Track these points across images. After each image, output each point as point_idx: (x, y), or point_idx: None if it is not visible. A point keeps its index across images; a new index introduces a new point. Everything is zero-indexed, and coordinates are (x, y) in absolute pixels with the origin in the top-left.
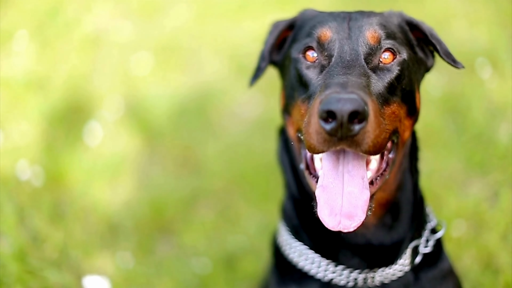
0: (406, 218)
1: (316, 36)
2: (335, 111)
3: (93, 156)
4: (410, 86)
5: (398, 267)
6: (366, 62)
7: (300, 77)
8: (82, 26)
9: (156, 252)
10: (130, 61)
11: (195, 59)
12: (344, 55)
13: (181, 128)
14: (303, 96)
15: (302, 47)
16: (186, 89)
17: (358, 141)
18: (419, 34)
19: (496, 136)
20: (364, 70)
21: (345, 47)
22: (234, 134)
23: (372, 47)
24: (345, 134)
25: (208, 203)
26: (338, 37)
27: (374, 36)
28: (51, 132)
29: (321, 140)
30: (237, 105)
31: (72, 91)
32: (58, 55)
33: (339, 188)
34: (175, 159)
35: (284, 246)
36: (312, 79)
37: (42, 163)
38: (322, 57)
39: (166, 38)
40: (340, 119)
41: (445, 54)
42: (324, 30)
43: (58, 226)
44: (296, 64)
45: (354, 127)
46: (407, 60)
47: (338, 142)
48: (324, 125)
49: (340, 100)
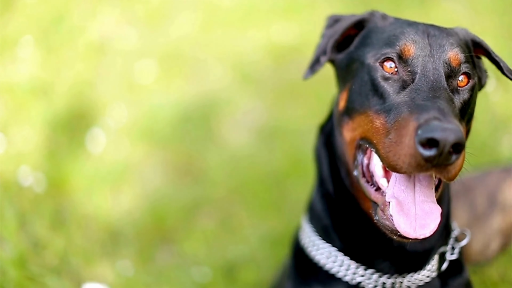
0: (441, 227)
1: (398, 49)
2: (439, 140)
3: (95, 164)
4: (473, 109)
5: (426, 273)
6: (448, 84)
7: (375, 86)
8: (87, 33)
9: (156, 260)
10: (134, 69)
11: (199, 67)
12: (428, 74)
13: (184, 136)
14: (378, 108)
15: (381, 57)
16: (189, 97)
17: (449, 169)
18: (479, 52)
19: (499, 148)
20: (449, 94)
21: (428, 65)
22: (237, 143)
23: (453, 69)
24: (442, 162)
25: (209, 212)
26: (421, 53)
27: (456, 58)
28: (54, 139)
29: (414, 164)
30: (240, 114)
31: (76, 98)
32: (63, 61)
33: (411, 196)
34: (177, 168)
35: (310, 247)
36: (392, 93)
37: (44, 170)
38: (403, 72)
39: (171, 46)
40: (442, 148)
41: (508, 71)
42: (408, 44)
43: (59, 232)
44: (372, 72)
45: (452, 157)
46: (476, 84)
47: (430, 168)
48: (423, 151)
49: (445, 130)
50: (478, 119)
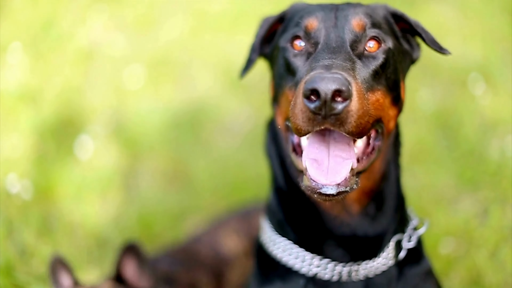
0: (390, 209)
1: (303, 26)
2: (318, 89)
3: (83, 170)
4: (395, 75)
5: (381, 261)
6: (352, 49)
7: (287, 65)
8: (75, 39)
9: None
10: (122, 75)
11: (188, 73)
12: (330, 42)
13: (172, 142)
14: (290, 84)
15: (290, 36)
16: (177, 103)
17: (342, 120)
18: (403, 25)
19: (488, 152)
20: (350, 55)
21: (331, 34)
22: (224, 148)
23: (357, 34)
24: (329, 112)
25: (196, 218)
26: (324, 25)
27: (359, 24)
28: (42, 146)
29: (306, 119)
30: (228, 119)
31: (64, 105)
32: (51, 68)
33: (325, 152)
34: (165, 174)
35: (267, 242)
36: (299, 66)
37: (32, 176)
38: (309, 45)
39: (159, 51)
40: (323, 97)
41: (431, 42)
42: (311, 19)
43: (46, 240)
44: (284, 53)
45: (337, 106)
46: (392, 49)
47: (322, 121)
48: (308, 103)
49: (324, 79)
50: (465, 123)
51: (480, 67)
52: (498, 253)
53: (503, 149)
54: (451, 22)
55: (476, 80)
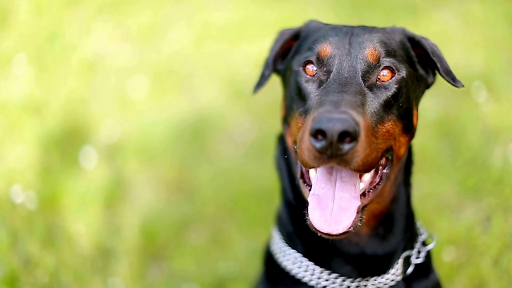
0: (399, 230)
1: (316, 51)
2: (325, 130)
3: (87, 181)
4: (408, 104)
5: (390, 277)
6: (364, 79)
7: (299, 90)
8: (80, 50)
9: (146, 278)
10: (126, 86)
11: (191, 83)
12: (342, 72)
13: (175, 152)
14: (301, 110)
15: (303, 61)
16: (181, 113)
17: (348, 160)
18: (420, 51)
19: (490, 160)
20: (361, 88)
21: (344, 63)
22: (228, 158)
23: (370, 64)
24: (334, 153)
25: (199, 228)
26: (338, 53)
27: (373, 54)
28: (47, 156)
29: (312, 157)
30: (231, 129)
31: (68, 115)
32: (56, 79)
33: (331, 193)
34: (168, 184)
35: (277, 253)
36: (310, 93)
37: (37, 187)
38: (321, 72)
39: (163, 62)
40: (330, 138)
41: (445, 72)
42: (325, 45)
43: (50, 250)
44: (296, 76)
45: (343, 147)
46: (405, 78)
47: (328, 159)
48: (315, 143)
49: (331, 120)
50: (468, 131)
51: (482, 75)
52: (501, 261)
53: (506, 157)
54: (454, 31)
55: (479, 88)
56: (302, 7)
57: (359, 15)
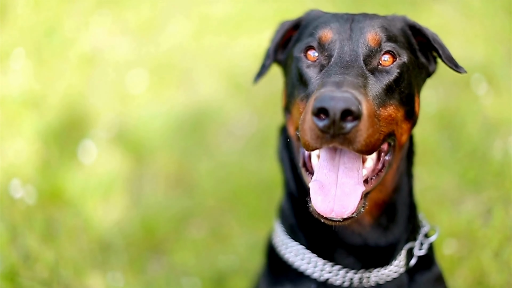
0: (402, 220)
1: (317, 36)
2: (327, 108)
3: (86, 175)
4: (409, 90)
5: (393, 268)
6: (365, 63)
7: (300, 75)
8: (78, 44)
9: (146, 271)
10: (125, 79)
11: (190, 76)
12: (343, 56)
13: (175, 146)
14: (302, 95)
15: (304, 46)
16: (180, 107)
17: (351, 139)
18: (421, 39)
19: (491, 153)
20: (362, 71)
21: (345, 47)
22: (227, 152)
23: (372, 49)
24: (337, 131)
25: (199, 222)
26: (339, 37)
27: (374, 38)
28: (46, 151)
29: (314, 137)
30: (231, 123)
31: (67, 110)
32: (54, 73)
33: (334, 178)
34: (168, 178)
35: (280, 246)
36: (312, 78)
37: (36, 181)
38: (322, 57)
39: (162, 56)
40: (332, 116)
41: (447, 59)
42: (326, 30)
43: (50, 244)
44: (297, 63)
45: (346, 125)
46: (407, 63)
47: (330, 139)
48: (317, 121)
49: (333, 98)
50: (468, 123)
51: (482, 67)
52: (502, 253)
53: (506, 149)
54: (454, 23)
55: (479, 80)
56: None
57: (358, 8)
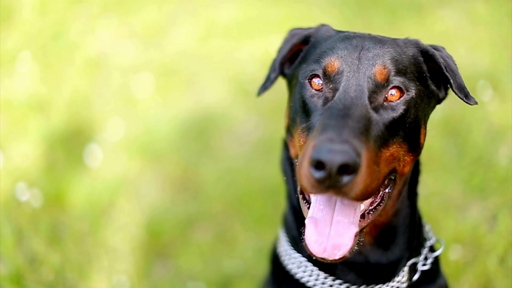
0: (403, 240)
1: (323, 65)
2: (324, 162)
3: (92, 179)
4: (415, 124)
5: (395, 284)
6: (370, 100)
7: (303, 104)
8: (84, 48)
9: (152, 276)
10: (131, 84)
11: (196, 81)
12: (348, 91)
13: (181, 150)
14: (304, 126)
15: (309, 73)
16: (186, 111)
17: (346, 191)
18: (433, 64)
19: (496, 159)
20: (366, 110)
21: (351, 81)
22: (233, 156)
23: (378, 84)
24: (333, 184)
25: (205, 226)
26: (346, 68)
27: (382, 72)
28: (52, 154)
29: (310, 185)
30: (237, 127)
31: (73, 113)
32: (61, 77)
33: (329, 216)
34: (174, 182)
35: (283, 256)
36: (315, 110)
37: (42, 185)
38: (327, 88)
39: (168, 60)
40: (329, 170)
41: (458, 89)
42: (332, 59)
43: (55, 248)
44: (302, 89)
45: (342, 179)
46: (415, 98)
47: (326, 189)
48: (314, 172)
49: (331, 151)
50: (474, 130)
51: (488, 74)
52: (507, 259)
53: (511, 156)
54: (459, 29)
55: (484, 87)
56: (307, 5)
57: (364, 13)
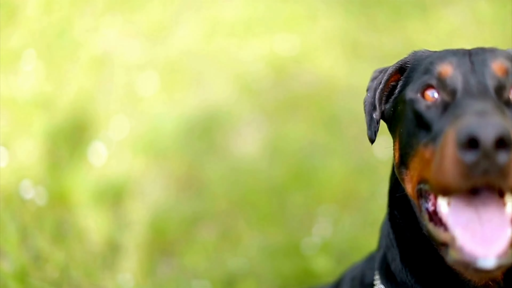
0: None
1: (436, 73)
2: (478, 137)
3: (96, 176)
4: None
5: None
6: (497, 96)
7: (419, 119)
8: (89, 46)
9: (157, 274)
10: (136, 82)
11: (202, 79)
12: (471, 89)
13: (186, 149)
14: (425, 140)
15: (420, 86)
16: (191, 109)
17: (504, 173)
18: None
19: None
20: (496, 102)
21: (470, 80)
22: (238, 155)
23: (500, 79)
24: (489, 164)
25: (209, 225)
26: (461, 71)
27: (501, 67)
28: (56, 152)
29: (459, 175)
30: (242, 126)
31: (77, 111)
32: (65, 75)
33: (476, 218)
34: (178, 180)
35: None
36: (435, 118)
37: (46, 183)
38: (444, 94)
39: (173, 58)
40: (483, 146)
41: None
42: (445, 65)
43: (60, 245)
44: (414, 105)
45: (499, 156)
46: None
47: (479, 175)
48: (464, 155)
49: (483, 125)
50: None
51: None
52: None
53: None
54: (463, 28)
55: None
56: (311, 4)
57: (369, 11)
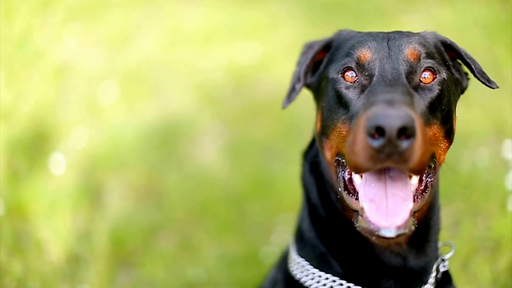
0: (434, 238)
1: (355, 57)
2: (383, 127)
3: (55, 187)
4: (449, 107)
5: (427, 287)
6: (408, 81)
7: (339, 97)
8: (49, 55)
9: (115, 284)
10: (96, 92)
11: (161, 88)
12: (385, 74)
13: (145, 158)
14: (343, 117)
15: (341, 68)
16: (151, 119)
17: (405, 158)
18: (453, 54)
19: (459, 165)
20: (407, 88)
21: (386, 66)
22: (197, 164)
23: (412, 64)
24: (393, 150)
25: (168, 234)
26: (378, 56)
27: (414, 53)
28: (15, 162)
29: (367, 157)
30: (201, 135)
31: (37, 121)
32: (25, 84)
33: (383, 191)
34: (138, 190)
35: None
36: (353, 99)
37: (4, 193)
38: (362, 77)
39: (133, 68)
40: (388, 135)
41: (479, 74)
42: (364, 50)
43: (18, 257)
44: (335, 84)
45: (402, 143)
46: (446, 80)
47: (385, 159)
48: (372, 141)
49: (389, 116)
50: None
51: None
52: (470, 264)
53: (474, 162)
54: None
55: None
56: (274, 12)
57: (331, 19)
